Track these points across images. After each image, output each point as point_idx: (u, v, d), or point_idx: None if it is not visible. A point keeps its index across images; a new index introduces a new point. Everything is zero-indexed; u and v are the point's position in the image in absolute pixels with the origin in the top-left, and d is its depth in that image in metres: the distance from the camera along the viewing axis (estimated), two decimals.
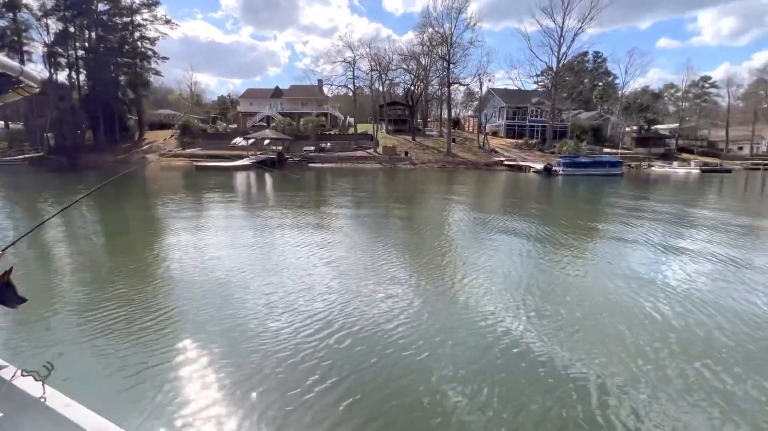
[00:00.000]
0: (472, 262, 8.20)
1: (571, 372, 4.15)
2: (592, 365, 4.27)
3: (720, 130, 70.36)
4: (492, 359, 4.41)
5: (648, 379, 4.04)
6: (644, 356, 4.48)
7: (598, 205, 19.42)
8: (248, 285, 6.59)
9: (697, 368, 4.26)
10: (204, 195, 19.79)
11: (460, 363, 4.28)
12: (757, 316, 5.63)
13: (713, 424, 3.42)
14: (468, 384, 3.92)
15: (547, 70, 62.28)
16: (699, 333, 5.11)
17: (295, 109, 65.75)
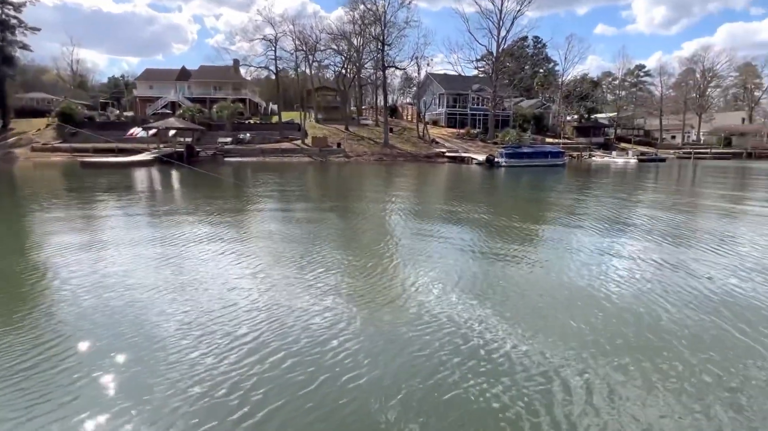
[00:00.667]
0: (416, 265, 8.33)
1: (523, 364, 4.37)
2: (542, 354, 4.53)
3: (654, 119, 78.71)
4: (445, 369, 4.49)
5: (599, 366, 4.37)
6: (596, 344, 4.85)
7: (541, 198, 20.76)
8: (157, 307, 6.09)
9: (646, 351, 4.68)
10: (93, 198, 18.15)
11: (409, 378, 4.28)
12: (698, 299, 6.32)
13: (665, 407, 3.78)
14: (419, 401, 3.96)
15: (488, 55, 65.43)
16: (647, 318, 5.63)
17: (207, 94, 62.79)
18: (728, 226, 13.10)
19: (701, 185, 28.02)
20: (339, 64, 62.30)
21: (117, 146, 41.27)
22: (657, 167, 45.08)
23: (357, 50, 57.57)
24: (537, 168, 38.23)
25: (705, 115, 77.03)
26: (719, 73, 79.58)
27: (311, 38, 55.64)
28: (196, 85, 64.50)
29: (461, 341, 5.14)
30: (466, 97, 66.88)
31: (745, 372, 4.43)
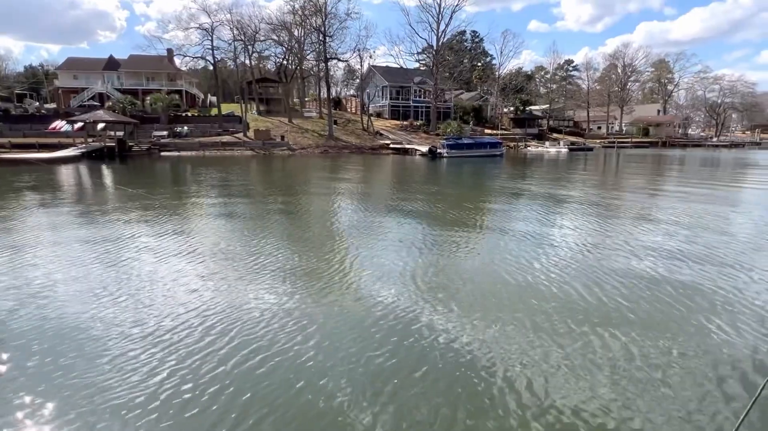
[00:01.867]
0: (363, 255, 8.27)
1: (469, 349, 4.47)
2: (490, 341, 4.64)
3: (582, 110, 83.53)
4: (392, 353, 4.50)
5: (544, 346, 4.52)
6: (540, 325, 5.02)
7: (481, 187, 21.38)
8: (95, 319, 5.59)
9: (586, 330, 4.92)
10: (10, 197, 16.45)
11: (359, 364, 4.27)
12: (634, 275, 6.73)
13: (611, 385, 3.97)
14: (368, 383, 3.93)
15: (428, 48, 66.17)
16: (587, 297, 5.92)
17: (139, 85, 59.00)
18: (646, 205, 14.14)
19: (623, 171, 30.11)
20: (280, 55, 60.81)
21: (38, 141, 37.74)
22: (585, 156, 47.93)
23: (298, 41, 56.18)
24: (477, 158, 39.42)
25: (626, 107, 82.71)
26: (637, 68, 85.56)
27: (250, 28, 53.56)
28: (127, 75, 60.26)
29: (401, 323, 5.19)
30: (409, 90, 67.46)
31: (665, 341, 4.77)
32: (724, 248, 8.60)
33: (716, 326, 5.15)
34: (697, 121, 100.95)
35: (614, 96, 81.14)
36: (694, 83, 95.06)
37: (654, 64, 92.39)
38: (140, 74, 60.28)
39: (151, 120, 48.00)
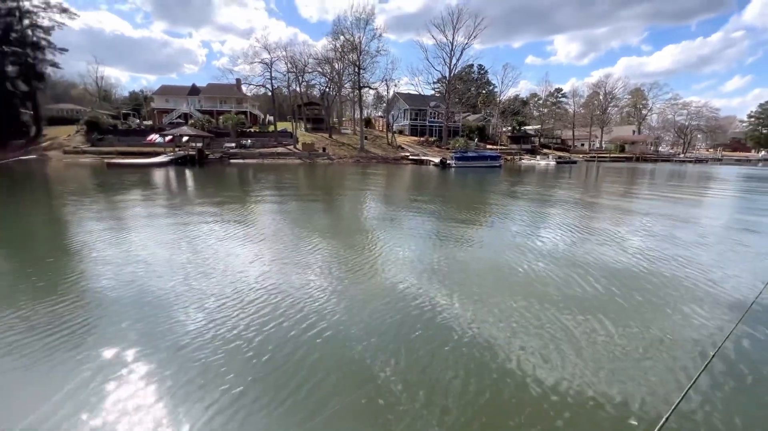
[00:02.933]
0: (384, 243, 8.40)
1: (474, 331, 4.45)
2: (496, 324, 4.69)
3: (569, 130, 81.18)
4: (409, 330, 4.58)
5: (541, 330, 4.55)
6: (540, 312, 5.04)
7: (483, 190, 21.17)
8: (175, 287, 5.95)
9: (581, 317, 4.91)
10: (118, 193, 17.30)
11: (381, 337, 4.35)
12: (624, 269, 6.64)
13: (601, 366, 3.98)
14: (389, 356, 4.01)
15: (442, 79, 65.58)
16: (578, 288, 5.87)
17: (214, 107, 60.54)
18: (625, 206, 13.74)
19: (603, 179, 29.18)
20: (323, 84, 61.21)
21: (139, 150, 39.34)
22: (570, 167, 46.64)
23: (338, 73, 56.59)
24: (480, 168, 38.92)
25: (606, 128, 79.94)
26: (617, 96, 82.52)
27: (300, 62, 54.33)
28: (205, 99, 61.95)
29: (417, 302, 5.25)
30: (426, 112, 67.04)
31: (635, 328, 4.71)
32: (690, 239, 8.32)
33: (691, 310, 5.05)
34: (666, 140, 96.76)
35: (596, 118, 78.57)
36: (665, 108, 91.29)
37: (631, 92, 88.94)
38: (215, 98, 61.87)
39: (222, 134, 49.29)
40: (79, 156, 39.77)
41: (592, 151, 74.52)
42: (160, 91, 64.09)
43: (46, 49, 48.57)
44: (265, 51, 51.95)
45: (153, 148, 40.29)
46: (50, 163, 36.43)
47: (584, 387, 3.46)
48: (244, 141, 48.07)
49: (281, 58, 52.80)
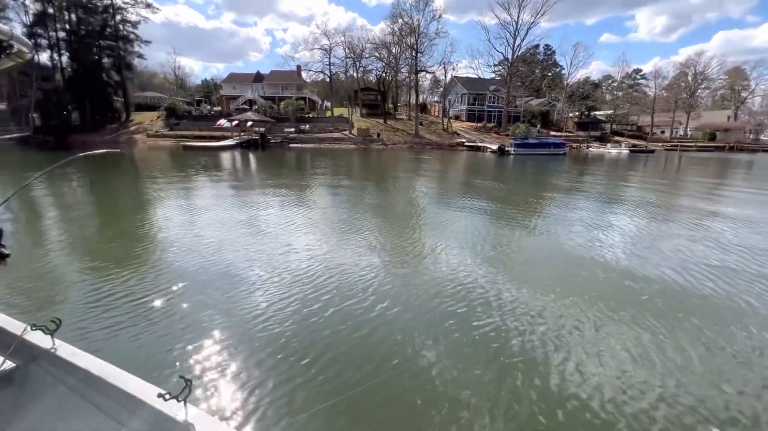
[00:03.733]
0: (437, 227, 8.45)
1: (527, 316, 4.44)
2: (548, 313, 4.63)
3: (647, 116, 73.29)
4: (459, 315, 4.67)
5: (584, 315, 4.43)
6: (592, 303, 4.88)
7: (542, 178, 20.12)
8: (237, 254, 6.60)
9: (633, 314, 4.69)
10: (194, 172, 19.11)
11: (431, 318, 4.44)
12: (671, 261, 6.16)
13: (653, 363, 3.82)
14: (435, 336, 4.12)
15: (504, 61, 62.35)
16: (638, 282, 5.57)
17: (276, 93, 63.32)
18: (703, 202, 12.34)
19: (686, 171, 26.21)
20: (380, 69, 61.25)
21: (209, 134, 42.71)
22: (646, 157, 42.35)
23: (395, 57, 56.27)
24: (541, 156, 36.83)
25: (693, 113, 70.93)
26: (709, 76, 72.53)
27: (358, 47, 54.88)
28: (268, 86, 65.03)
29: (470, 286, 5.28)
30: (484, 96, 64.38)
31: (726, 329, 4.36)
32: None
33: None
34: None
35: (681, 102, 69.83)
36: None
37: (728, 72, 77.44)
38: (277, 85, 64.71)
39: (283, 119, 51.60)
40: (159, 139, 44.14)
41: (674, 139, 66.81)
42: (228, 79, 68.49)
43: (134, 41, 54.00)
44: (325, 37, 53.23)
45: (221, 132, 43.45)
46: (136, 145, 40.93)
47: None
48: (303, 126, 49.96)
49: (339, 43, 53.79)
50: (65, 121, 47.29)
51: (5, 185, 14.38)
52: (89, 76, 47.53)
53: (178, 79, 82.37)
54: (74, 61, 49.03)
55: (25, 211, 9.50)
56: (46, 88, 45.61)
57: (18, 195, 11.97)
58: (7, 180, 15.73)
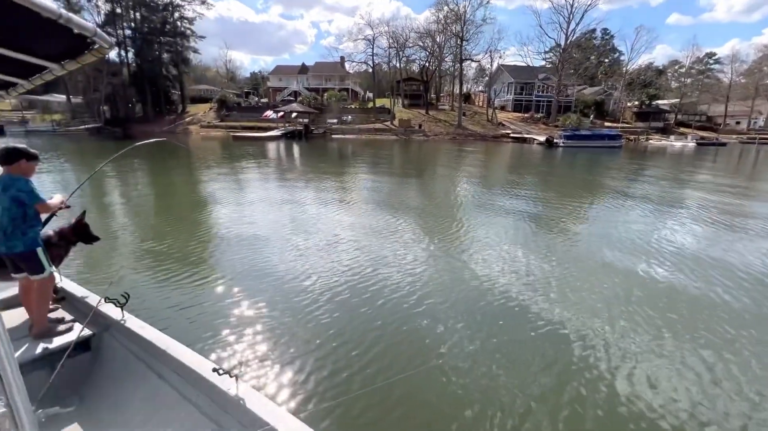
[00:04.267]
0: (483, 222, 8.32)
1: (562, 324, 4.26)
2: (589, 320, 4.46)
3: (719, 105, 66.26)
4: (493, 311, 4.62)
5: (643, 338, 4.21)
6: (639, 315, 4.64)
7: (593, 173, 18.98)
8: (281, 240, 6.92)
9: (688, 326, 4.41)
10: (242, 161, 20.15)
11: (463, 314, 4.44)
12: (754, 278, 5.64)
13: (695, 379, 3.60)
14: (469, 332, 4.12)
15: (555, 47, 59.05)
16: (690, 293, 5.21)
17: (320, 85, 64.54)
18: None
19: (762, 168, 23.51)
20: (423, 59, 60.30)
21: (256, 125, 44.62)
22: (716, 151, 38.41)
23: (439, 46, 55.18)
24: (593, 149, 34.62)
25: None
26: None
27: (401, 37, 54.39)
28: (313, 77, 66.42)
29: (519, 286, 5.18)
30: (533, 85, 61.40)
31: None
32: None
33: None
34: None
35: (763, 90, 62.26)
36: None
37: None
38: (321, 77, 65.90)
39: (326, 111, 52.58)
40: (211, 129, 46.77)
41: (752, 131, 59.96)
42: (275, 71, 70.79)
43: (190, 37, 57.25)
44: (369, 27, 53.32)
45: (268, 123, 45.19)
46: (191, 135, 43.67)
47: None
48: (345, 117, 50.63)
49: (383, 33, 53.64)
50: (130, 113, 51.49)
51: (80, 171, 16.02)
52: (151, 71, 51.25)
53: (229, 72, 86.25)
54: (138, 57, 53.01)
55: (93, 196, 10.55)
56: (115, 82, 49.71)
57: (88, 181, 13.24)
58: (82, 167, 17.49)
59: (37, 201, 2.68)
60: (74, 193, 3.49)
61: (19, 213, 2.64)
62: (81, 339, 2.73)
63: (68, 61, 1.36)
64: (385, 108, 54.89)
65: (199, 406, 2.07)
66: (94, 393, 2.61)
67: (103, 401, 2.53)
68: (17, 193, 2.60)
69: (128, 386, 2.49)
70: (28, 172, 2.76)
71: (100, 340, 2.84)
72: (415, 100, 61.13)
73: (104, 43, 1.24)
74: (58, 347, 2.64)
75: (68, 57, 1.35)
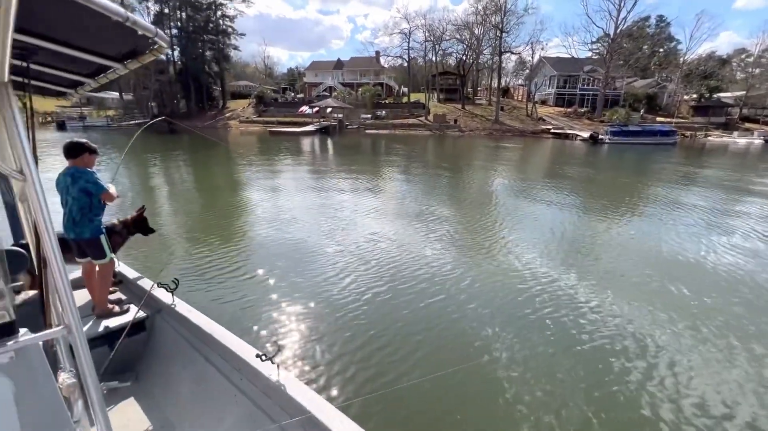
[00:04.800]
0: (520, 223, 8.12)
1: (619, 337, 4.08)
2: (635, 323, 4.28)
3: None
4: (532, 312, 4.53)
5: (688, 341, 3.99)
6: (686, 318, 4.40)
7: (642, 173, 17.87)
8: (313, 235, 7.10)
9: (737, 335, 4.13)
10: (279, 155, 20.80)
11: (507, 320, 4.36)
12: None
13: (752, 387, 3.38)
14: (513, 339, 4.03)
15: (604, 37, 55.81)
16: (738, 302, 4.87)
17: (355, 80, 65.06)
18: None
19: None
20: (460, 52, 59.18)
21: (292, 120, 45.76)
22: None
23: (477, 38, 53.90)
24: (643, 146, 32.53)
25: None
26: None
27: (438, 30, 53.66)
28: (347, 72, 67.05)
29: (556, 291, 5.03)
30: (577, 78, 58.56)
31: None
32: None
33: None
34: None
35: None
36: None
37: None
38: (356, 72, 66.39)
39: (360, 106, 52.89)
40: (249, 125, 48.50)
41: None
42: (311, 67, 72.10)
43: (231, 35, 59.53)
44: (405, 20, 53.14)
45: (303, 119, 46.20)
46: (231, 130, 45.52)
47: None
48: (379, 112, 50.77)
49: (419, 27, 53.23)
50: (175, 109, 54.44)
51: (129, 161, 17.18)
52: (194, 68, 53.89)
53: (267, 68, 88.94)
54: (183, 55, 55.86)
55: (143, 186, 11.30)
56: (162, 80, 52.71)
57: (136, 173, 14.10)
58: (130, 158, 18.75)
59: (102, 191, 2.94)
60: (115, 176, 3.77)
61: (86, 202, 2.91)
62: (136, 320, 2.97)
63: (130, 61, 1.47)
64: (420, 103, 54.45)
65: (242, 389, 2.20)
66: (148, 371, 2.84)
67: (156, 379, 2.74)
68: (85, 184, 2.87)
69: (177, 366, 2.69)
70: (90, 164, 3.02)
71: (153, 322, 3.08)
72: (451, 94, 60.17)
73: (163, 42, 1.33)
74: (117, 326, 2.88)
75: (131, 57, 1.46)
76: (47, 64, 1.59)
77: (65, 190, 2.88)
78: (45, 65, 1.60)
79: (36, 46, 1.30)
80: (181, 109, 56.21)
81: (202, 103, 55.99)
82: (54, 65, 1.61)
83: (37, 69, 1.62)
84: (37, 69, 1.62)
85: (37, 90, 2.07)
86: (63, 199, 2.91)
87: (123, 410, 2.50)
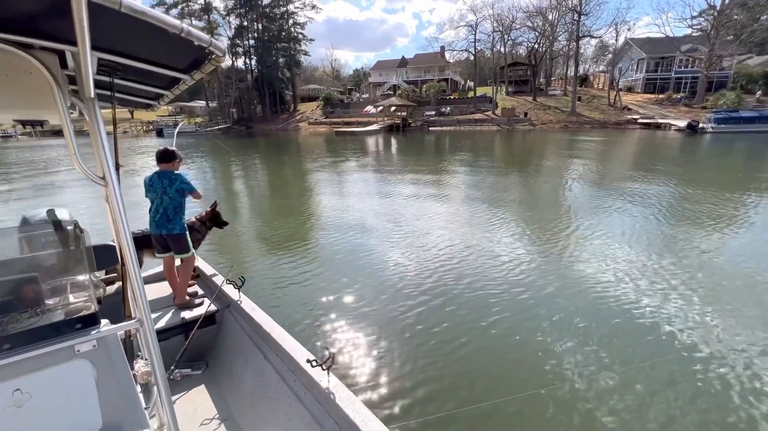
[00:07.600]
0: (594, 231, 7.41)
1: (717, 361, 3.61)
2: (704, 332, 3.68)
3: None
4: (624, 340, 4.06)
5: None
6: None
7: (759, 168, 15.17)
8: (384, 241, 7.16)
9: None
10: (343, 155, 21.52)
11: (585, 340, 3.99)
12: None
13: None
14: (592, 362, 3.69)
15: (708, 10, 48.49)
16: None
17: (419, 77, 64.73)
18: None
19: None
20: (532, 40, 55.76)
21: (357, 120, 47.04)
22: None
23: (551, 24, 50.29)
24: (759, 134, 27.66)
25: None
26: None
27: (507, 19, 51.16)
28: (412, 70, 66.92)
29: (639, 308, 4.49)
30: (671, 60, 51.65)
31: None
32: None
33: None
34: None
35: None
36: None
37: None
38: (420, 69, 65.97)
39: (424, 103, 52.60)
40: (317, 126, 50.91)
41: None
42: (375, 67, 73.29)
43: (301, 41, 62.99)
44: (471, 12, 51.59)
45: (368, 118, 47.26)
46: (300, 132, 48.19)
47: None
48: (443, 108, 49.96)
49: (487, 17, 51.22)
50: (252, 114, 59.20)
51: (210, 163, 19.00)
52: (269, 75, 57.99)
53: (334, 71, 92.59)
54: (259, 64, 60.40)
55: (217, 185, 12.41)
56: (241, 87, 57.65)
57: (214, 175, 15.43)
58: (213, 160, 20.72)
59: (194, 190, 3.35)
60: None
61: (180, 201, 3.33)
62: (208, 313, 3.23)
63: (195, 72, 1.57)
64: (487, 96, 52.45)
65: (296, 392, 2.25)
66: (217, 362, 3.07)
67: (223, 369, 2.95)
68: (181, 185, 3.28)
69: (241, 361, 2.86)
70: (177, 169, 3.41)
71: (223, 316, 3.33)
72: (521, 86, 57.13)
73: (218, 51, 1.36)
74: (193, 318, 3.16)
75: (194, 68, 1.55)
76: (130, 79, 1.76)
77: (163, 190, 3.26)
78: (129, 80, 1.78)
79: (117, 63, 1.43)
80: (257, 113, 60.91)
81: (275, 107, 60.10)
82: (135, 79, 1.77)
83: (122, 84, 1.81)
84: (122, 84, 1.81)
85: (126, 103, 2.32)
86: (158, 197, 3.29)
87: (194, 397, 2.72)
